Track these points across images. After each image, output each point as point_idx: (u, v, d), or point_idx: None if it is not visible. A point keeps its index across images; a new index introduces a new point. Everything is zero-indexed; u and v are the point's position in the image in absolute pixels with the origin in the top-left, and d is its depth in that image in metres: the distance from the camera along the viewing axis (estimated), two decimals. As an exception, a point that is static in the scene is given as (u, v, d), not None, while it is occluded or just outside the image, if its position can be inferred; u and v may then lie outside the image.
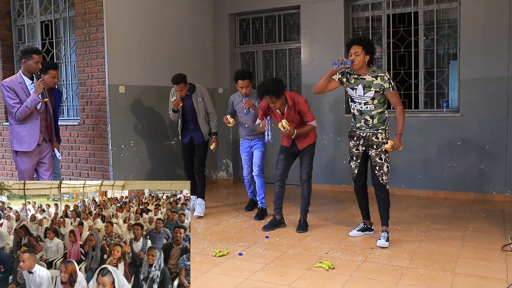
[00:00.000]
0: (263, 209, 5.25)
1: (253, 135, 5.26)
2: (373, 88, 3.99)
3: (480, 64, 5.70)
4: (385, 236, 4.14)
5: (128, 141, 5.82)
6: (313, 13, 6.59)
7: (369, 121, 4.08)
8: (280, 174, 4.70)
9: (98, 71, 5.59)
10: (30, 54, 4.30)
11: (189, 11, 6.82)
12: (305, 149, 4.64)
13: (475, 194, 5.86)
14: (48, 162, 4.57)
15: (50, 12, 6.33)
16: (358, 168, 4.25)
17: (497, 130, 5.66)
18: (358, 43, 3.97)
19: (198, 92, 5.35)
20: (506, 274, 3.38)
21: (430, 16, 6.11)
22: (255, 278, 3.45)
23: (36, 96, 4.26)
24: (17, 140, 4.38)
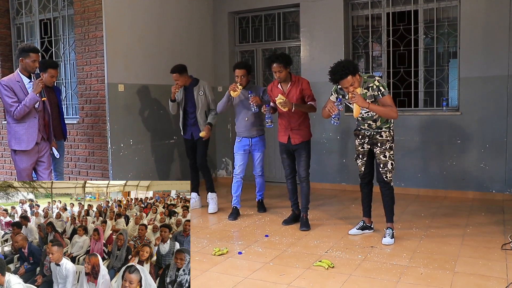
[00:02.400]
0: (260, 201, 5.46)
1: (252, 130, 5.20)
2: (368, 100, 3.99)
3: (480, 62, 5.69)
4: (390, 233, 4.16)
5: (128, 139, 5.81)
6: (312, 11, 6.58)
7: (372, 125, 4.12)
8: (290, 173, 4.85)
9: (97, 69, 5.58)
10: (28, 52, 4.27)
11: (189, 9, 6.80)
12: (300, 145, 4.68)
13: (474, 192, 5.85)
14: (47, 161, 4.52)
15: (49, 10, 6.31)
16: (364, 166, 4.29)
17: (497, 128, 5.66)
18: (346, 75, 3.84)
19: (200, 86, 5.43)
20: (506, 273, 3.38)
21: (430, 14, 6.09)
22: (255, 277, 3.45)
23: (34, 95, 4.23)
24: (15, 139, 4.34)
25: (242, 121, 5.22)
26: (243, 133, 5.24)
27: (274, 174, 7.14)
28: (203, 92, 5.41)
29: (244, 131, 5.22)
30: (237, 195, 5.26)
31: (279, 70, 4.54)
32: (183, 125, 5.55)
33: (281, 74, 4.56)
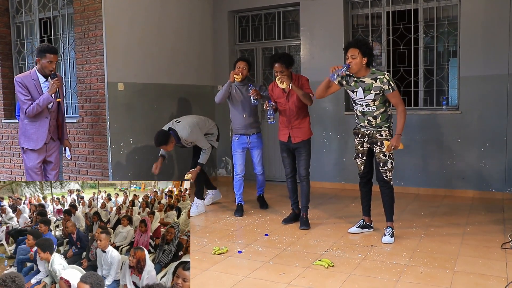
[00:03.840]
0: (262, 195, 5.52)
1: (252, 128, 5.24)
2: (373, 91, 3.99)
3: (480, 61, 5.69)
4: (390, 232, 4.16)
5: (127, 138, 5.81)
6: (312, 10, 6.57)
7: (372, 121, 4.11)
8: (290, 172, 4.84)
9: (97, 68, 5.58)
10: (44, 53, 4.28)
11: (188, 8, 6.80)
12: (300, 144, 4.68)
13: (474, 191, 5.85)
14: (55, 161, 4.57)
15: (49, 9, 6.31)
16: (364, 165, 4.29)
17: (497, 127, 5.66)
18: (355, 46, 3.96)
19: (184, 141, 5.19)
20: (506, 272, 3.38)
21: (430, 13, 6.09)
22: (255, 276, 3.45)
23: (49, 95, 4.23)
24: (24, 136, 4.37)
25: (240, 117, 5.22)
26: (240, 130, 5.25)
27: (274, 173, 7.14)
28: (192, 143, 5.26)
29: (242, 128, 5.24)
30: (240, 193, 5.34)
31: (281, 70, 4.54)
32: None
33: (282, 74, 4.56)
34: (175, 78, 6.54)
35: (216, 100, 5.23)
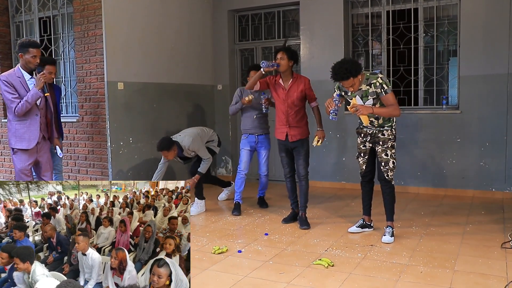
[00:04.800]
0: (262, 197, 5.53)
1: (260, 128, 5.33)
2: (370, 96, 4.00)
3: (480, 61, 5.68)
4: (390, 231, 4.16)
5: (127, 138, 5.81)
6: (312, 9, 6.56)
7: (374, 122, 4.11)
8: (289, 171, 4.84)
9: (97, 67, 5.57)
10: (27, 48, 4.11)
11: (188, 8, 6.79)
12: (298, 143, 4.67)
13: (474, 191, 5.85)
14: (47, 161, 4.38)
15: (48, 8, 6.30)
16: (366, 164, 4.29)
17: (497, 127, 5.65)
18: (347, 78, 3.86)
19: (186, 151, 5.20)
20: (506, 272, 3.37)
21: (430, 12, 6.08)
22: (254, 276, 3.44)
23: (37, 90, 4.07)
24: (16, 137, 4.18)
25: (249, 119, 5.32)
26: (250, 130, 5.35)
27: (274, 172, 7.14)
28: (193, 152, 5.26)
29: (251, 128, 5.33)
30: (240, 191, 5.35)
31: (281, 57, 4.54)
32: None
33: (282, 61, 4.54)
34: (175, 78, 6.54)
35: (231, 113, 5.49)
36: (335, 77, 3.93)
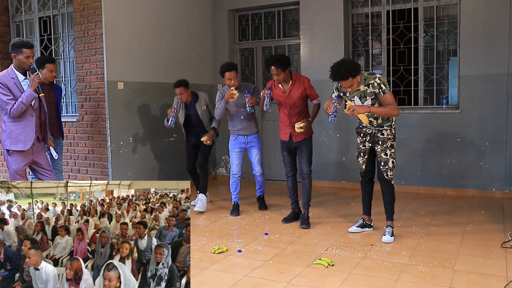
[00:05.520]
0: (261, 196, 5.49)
1: (249, 128, 5.20)
2: (368, 97, 4.00)
3: (480, 60, 5.68)
4: (390, 231, 4.16)
5: (127, 137, 5.81)
6: (312, 9, 6.56)
7: (374, 122, 4.11)
8: (291, 170, 4.85)
9: (97, 67, 5.57)
10: (20, 48, 4.05)
11: (188, 7, 6.79)
12: (302, 142, 4.68)
13: (474, 190, 5.85)
14: (44, 162, 4.32)
15: (48, 8, 6.30)
16: (365, 164, 4.29)
17: (497, 126, 5.65)
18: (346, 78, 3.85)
19: (202, 100, 5.40)
20: (506, 271, 3.37)
21: (430, 12, 6.08)
22: (254, 275, 3.44)
23: (31, 91, 4.01)
24: (10, 139, 4.11)
25: (237, 119, 5.18)
26: (238, 132, 5.22)
27: (274, 172, 7.14)
28: (205, 106, 5.40)
29: (239, 129, 5.20)
30: (236, 192, 5.32)
31: (277, 73, 4.52)
32: (187, 134, 5.58)
33: (279, 77, 4.55)
34: (175, 77, 6.49)
35: (218, 118, 5.29)
36: (334, 77, 3.92)
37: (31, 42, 4.25)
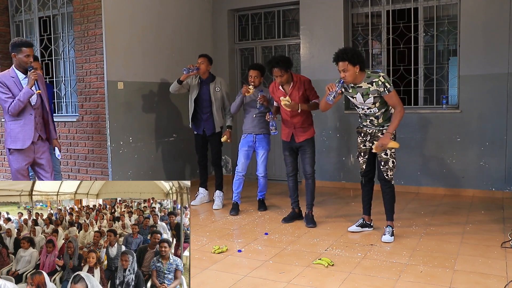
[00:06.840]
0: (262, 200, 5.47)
1: (258, 128, 5.25)
2: (371, 95, 3.99)
3: (480, 60, 5.68)
4: (390, 231, 4.16)
5: (127, 137, 5.81)
6: (312, 9, 6.56)
7: (374, 121, 4.12)
8: (292, 170, 4.86)
9: (97, 67, 5.57)
10: (19, 47, 4.11)
11: (188, 7, 6.79)
12: (304, 142, 4.68)
13: (474, 190, 5.85)
14: (46, 163, 4.34)
15: (48, 8, 6.30)
16: (366, 164, 4.29)
17: (497, 126, 5.65)
18: (343, 59, 3.89)
19: (217, 82, 5.52)
20: (506, 271, 3.37)
21: (430, 12, 6.08)
22: (254, 275, 3.44)
23: (28, 88, 4.06)
24: (11, 137, 4.17)
25: (249, 118, 5.29)
26: (248, 130, 5.31)
27: (274, 172, 7.13)
28: (219, 88, 5.49)
29: (250, 127, 5.29)
30: (238, 191, 5.33)
31: (280, 75, 4.55)
32: (195, 120, 5.56)
33: (282, 78, 4.57)
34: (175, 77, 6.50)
35: (232, 111, 5.41)
36: (335, 58, 3.97)
37: (30, 41, 4.30)
